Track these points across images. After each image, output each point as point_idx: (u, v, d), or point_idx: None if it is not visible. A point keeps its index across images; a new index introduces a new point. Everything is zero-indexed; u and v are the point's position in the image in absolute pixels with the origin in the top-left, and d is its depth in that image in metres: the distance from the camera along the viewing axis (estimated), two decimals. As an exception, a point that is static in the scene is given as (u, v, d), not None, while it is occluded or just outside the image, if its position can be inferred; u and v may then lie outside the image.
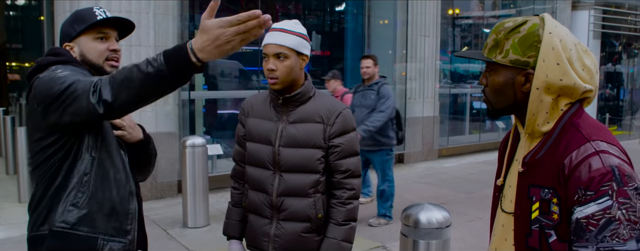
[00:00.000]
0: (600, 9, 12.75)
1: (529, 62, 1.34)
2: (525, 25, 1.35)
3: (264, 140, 2.16)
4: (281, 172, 2.13)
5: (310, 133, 2.11)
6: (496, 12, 12.82)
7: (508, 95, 1.39)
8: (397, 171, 8.38)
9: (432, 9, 9.10)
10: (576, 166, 1.26)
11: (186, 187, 5.21)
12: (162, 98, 5.49)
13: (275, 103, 2.16)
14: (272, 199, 2.14)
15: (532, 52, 1.33)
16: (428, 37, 9.10)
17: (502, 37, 1.38)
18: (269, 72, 2.06)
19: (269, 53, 2.06)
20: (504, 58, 1.37)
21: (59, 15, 6.06)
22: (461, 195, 6.73)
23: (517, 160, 1.46)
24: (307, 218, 2.13)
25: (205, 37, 1.29)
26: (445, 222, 2.64)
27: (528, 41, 1.34)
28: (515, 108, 1.41)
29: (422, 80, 9.13)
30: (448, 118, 10.68)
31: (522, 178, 1.40)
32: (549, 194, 1.32)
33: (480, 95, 11.81)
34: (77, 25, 1.77)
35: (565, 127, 1.35)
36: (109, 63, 1.80)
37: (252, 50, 9.48)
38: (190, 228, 5.15)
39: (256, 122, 2.20)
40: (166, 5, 6.14)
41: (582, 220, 1.25)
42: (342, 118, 2.14)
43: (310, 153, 2.11)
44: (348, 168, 2.16)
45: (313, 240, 2.16)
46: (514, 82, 1.37)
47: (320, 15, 10.93)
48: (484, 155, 10.19)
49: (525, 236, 1.38)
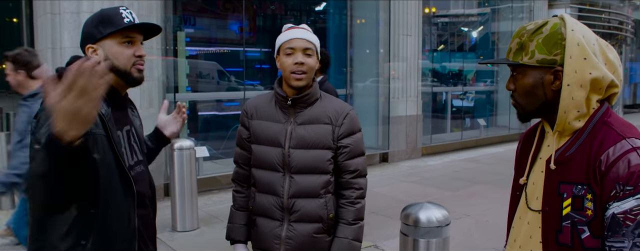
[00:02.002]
0: (575, 7, 12.98)
1: (556, 59, 1.37)
2: (547, 26, 1.39)
3: (272, 142, 2.14)
4: (292, 174, 2.12)
5: (320, 134, 2.12)
6: (473, 11, 12.97)
7: (538, 96, 1.41)
8: (381, 170, 8.44)
9: (414, 8, 9.16)
10: (614, 162, 1.28)
11: (175, 190, 5.15)
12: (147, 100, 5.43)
13: (282, 104, 2.15)
14: (283, 201, 2.13)
15: (558, 50, 1.36)
16: (410, 36, 9.16)
17: (526, 39, 1.40)
18: (297, 66, 2.06)
19: (298, 47, 2.07)
20: (531, 59, 1.39)
21: (39, 17, 5.94)
22: (447, 193, 6.79)
23: (541, 159, 1.48)
24: (319, 218, 2.14)
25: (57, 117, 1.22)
26: (445, 221, 2.66)
27: (552, 40, 1.37)
28: (546, 108, 1.43)
29: (405, 79, 9.19)
30: (430, 117, 10.77)
31: (550, 175, 1.42)
32: (582, 190, 1.33)
33: (459, 93, 11.95)
34: (103, 28, 1.68)
35: (597, 125, 1.37)
36: (137, 67, 1.73)
37: (230, 51, 9.45)
38: (179, 231, 5.09)
39: (262, 124, 2.18)
40: (149, 7, 6.06)
41: (619, 215, 1.26)
42: (350, 119, 2.17)
43: (321, 154, 2.12)
44: (356, 168, 2.18)
45: (324, 241, 2.17)
46: (543, 82, 1.40)
47: (302, 16, 10.93)
48: (466, 153, 10.29)
49: (556, 232, 1.39)
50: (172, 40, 6.73)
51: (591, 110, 1.39)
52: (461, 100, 12.08)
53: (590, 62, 1.34)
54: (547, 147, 1.47)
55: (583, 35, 1.36)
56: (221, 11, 9.23)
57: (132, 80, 1.74)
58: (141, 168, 1.85)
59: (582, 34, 1.36)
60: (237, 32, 9.59)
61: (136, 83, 1.76)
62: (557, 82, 1.38)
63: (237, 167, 2.32)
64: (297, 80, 2.07)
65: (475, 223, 5.47)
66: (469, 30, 12.97)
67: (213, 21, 9.41)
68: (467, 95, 12.24)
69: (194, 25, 9.01)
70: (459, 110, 11.92)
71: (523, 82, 1.43)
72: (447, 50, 12.53)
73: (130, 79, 1.73)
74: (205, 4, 9.09)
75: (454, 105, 11.82)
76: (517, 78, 1.45)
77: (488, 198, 6.42)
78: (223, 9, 9.25)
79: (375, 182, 7.48)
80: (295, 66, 2.06)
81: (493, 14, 12.89)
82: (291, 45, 2.07)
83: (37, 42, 6.12)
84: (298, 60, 2.06)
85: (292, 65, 2.06)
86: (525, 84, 1.42)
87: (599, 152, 1.32)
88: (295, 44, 2.07)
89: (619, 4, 15.10)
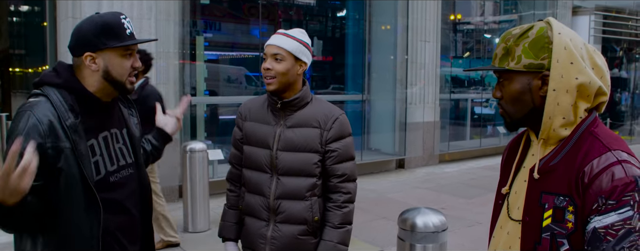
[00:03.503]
0: (600, 14, 12.78)
1: (544, 64, 1.32)
2: (533, 30, 1.35)
3: (261, 143, 2.19)
4: (279, 175, 2.16)
5: (308, 137, 2.15)
6: (497, 18, 12.85)
7: (526, 102, 1.37)
8: (397, 176, 8.42)
9: (432, 14, 9.14)
10: (597, 174, 1.24)
11: (187, 191, 5.24)
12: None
13: (273, 107, 2.20)
14: (270, 202, 2.17)
15: (545, 54, 1.32)
16: (428, 43, 9.14)
17: (512, 44, 1.37)
18: (265, 72, 2.12)
19: (268, 53, 2.13)
20: (517, 64, 1.35)
21: (62, 20, 6.11)
22: (461, 200, 6.74)
23: (524, 167, 1.45)
24: (303, 220, 2.17)
25: None
26: (442, 226, 2.66)
27: (539, 44, 1.33)
28: (534, 115, 1.38)
29: (423, 86, 9.16)
30: (449, 124, 10.70)
31: (533, 185, 1.38)
32: (564, 202, 1.29)
33: (481, 100, 11.85)
34: (106, 39, 1.69)
35: (583, 134, 1.33)
36: (130, 79, 1.78)
37: (253, 56, 9.54)
38: (190, 232, 5.17)
39: (254, 125, 2.23)
40: (167, 11, 6.19)
41: (600, 230, 1.22)
42: (339, 123, 2.19)
43: (308, 157, 2.15)
44: (344, 173, 2.20)
45: (309, 243, 2.20)
46: (531, 87, 1.35)
47: (321, 21, 10.99)
48: (484, 160, 10.19)
49: (534, 244, 1.35)
50: (190, 44, 6.83)
51: (578, 118, 1.34)
52: (483, 107, 11.97)
53: (577, 66, 1.30)
54: (532, 155, 1.43)
55: (570, 38, 1.32)
56: (244, 16, 9.33)
57: (125, 90, 1.80)
58: (128, 171, 1.87)
59: (569, 38, 1.32)
60: (258, 37, 9.69)
61: (128, 93, 1.83)
62: (544, 87, 1.33)
63: (231, 166, 2.38)
64: (267, 84, 2.13)
65: (485, 231, 5.39)
66: (492, 37, 12.87)
67: (233, 26, 9.51)
68: (490, 103, 12.13)
69: (216, 29, 9.13)
70: (480, 117, 11.82)
71: (510, 89, 1.38)
72: (471, 57, 12.44)
73: (123, 89, 1.79)
74: (230, 9, 9.20)
75: (475, 112, 11.72)
76: (504, 84, 1.40)
77: (502, 206, 6.35)
78: (247, 14, 9.34)
79: (389, 188, 7.48)
80: (264, 71, 2.13)
81: (518, 21, 12.76)
82: (266, 51, 2.15)
83: (59, 46, 6.29)
84: (265, 66, 2.12)
85: (263, 70, 2.13)
86: (512, 90, 1.37)
87: (583, 163, 1.27)
88: (267, 50, 2.14)
89: (647, 11, 14.78)
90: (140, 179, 1.96)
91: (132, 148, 1.93)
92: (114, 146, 1.84)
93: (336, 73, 10.47)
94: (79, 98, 1.72)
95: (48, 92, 1.69)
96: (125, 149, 1.89)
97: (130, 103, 2.01)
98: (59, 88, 1.70)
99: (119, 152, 1.86)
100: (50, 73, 1.74)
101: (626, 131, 15.28)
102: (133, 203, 1.90)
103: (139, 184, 1.95)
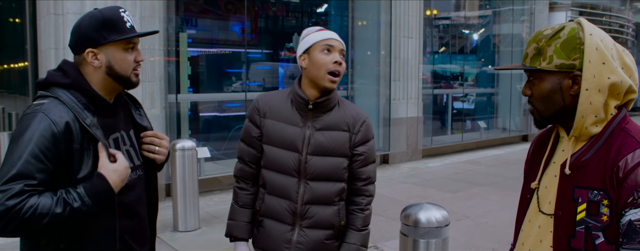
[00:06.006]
0: (576, 10, 13.03)
1: (575, 64, 1.36)
2: (564, 30, 1.38)
3: (289, 146, 2.08)
4: (307, 180, 2.07)
5: (338, 141, 2.09)
6: (475, 13, 13.00)
7: (556, 101, 1.41)
8: (382, 172, 8.46)
9: (415, 10, 9.20)
10: (632, 168, 1.28)
11: (176, 190, 5.18)
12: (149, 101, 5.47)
13: (300, 107, 2.09)
14: (297, 207, 2.09)
15: (577, 54, 1.36)
16: (411, 38, 9.19)
17: (544, 44, 1.40)
18: (336, 66, 2.01)
19: (337, 47, 2.03)
20: (549, 64, 1.39)
21: (43, 17, 5.98)
22: (447, 195, 6.81)
23: (554, 163, 1.49)
24: (331, 225, 2.12)
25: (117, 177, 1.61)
26: (445, 221, 2.68)
27: (570, 44, 1.36)
28: (564, 113, 1.42)
29: (406, 81, 9.22)
30: (430, 119, 10.80)
31: (565, 180, 1.42)
32: (598, 195, 1.33)
33: (460, 95, 11.98)
34: (107, 33, 1.65)
35: (614, 131, 1.37)
36: (135, 72, 1.73)
37: (231, 52, 9.48)
38: (181, 231, 5.12)
39: (278, 125, 2.10)
40: (152, 7, 6.10)
41: (635, 222, 1.27)
42: (366, 126, 2.15)
43: (338, 161, 2.09)
44: (369, 176, 2.18)
45: (333, 246, 2.16)
46: (561, 87, 1.39)
47: (301, 17, 10.96)
48: (466, 155, 10.32)
49: (568, 237, 1.38)
50: (175, 41, 6.75)
51: (609, 115, 1.39)
52: (462, 102, 12.11)
53: (608, 66, 1.34)
54: (562, 151, 1.47)
55: (601, 39, 1.36)
56: (223, 12, 9.26)
57: (131, 84, 1.74)
58: (136, 173, 1.82)
59: (600, 38, 1.36)
60: (239, 33, 9.62)
61: (133, 86, 1.77)
62: (575, 86, 1.37)
63: (241, 163, 2.22)
64: (332, 82, 2.02)
65: (474, 224, 5.49)
66: (470, 32, 13.01)
67: (215, 22, 9.43)
68: (468, 97, 12.27)
69: (196, 26, 9.04)
70: (460, 112, 11.95)
71: (541, 88, 1.42)
72: (448, 52, 12.56)
73: (128, 84, 1.74)
74: (207, 5, 9.12)
75: (454, 107, 11.85)
76: (534, 83, 1.44)
77: (488, 200, 6.45)
78: (225, 10, 9.28)
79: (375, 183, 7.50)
80: (334, 65, 2.00)
81: (494, 17, 12.92)
82: (330, 43, 2.02)
83: (40, 43, 6.15)
84: (338, 60, 2.01)
85: (332, 63, 2.00)
86: (543, 89, 1.42)
87: (617, 158, 1.31)
88: (335, 44, 2.03)
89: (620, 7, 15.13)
90: (149, 181, 1.92)
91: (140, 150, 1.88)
92: (125, 147, 1.80)
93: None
94: (88, 98, 1.67)
95: (57, 92, 1.62)
96: (133, 151, 1.83)
97: (138, 104, 1.96)
98: (67, 88, 1.64)
99: (132, 152, 1.83)
100: (56, 73, 1.68)
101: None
102: (142, 206, 1.86)
103: (147, 186, 1.90)
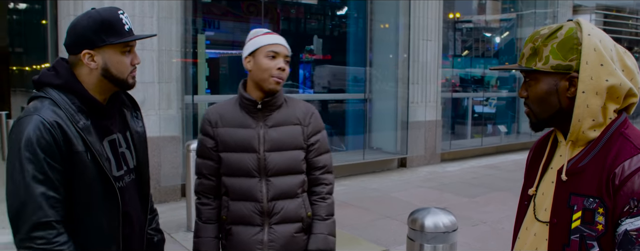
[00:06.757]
0: (601, 13, 12.78)
1: (572, 65, 1.31)
2: (562, 30, 1.33)
3: (245, 147, 2.13)
4: (268, 177, 2.14)
5: (292, 135, 2.18)
6: (497, 16, 12.84)
7: (552, 103, 1.36)
8: (399, 175, 8.40)
9: (434, 12, 9.12)
10: (629, 176, 1.23)
11: (190, 190, 5.20)
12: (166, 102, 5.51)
13: (249, 109, 2.16)
14: (263, 205, 2.14)
15: (574, 55, 1.31)
16: (430, 41, 9.12)
17: (540, 44, 1.35)
18: (279, 72, 2.11)
19: (281, 53, 2.13)
20: (545, 65, 1.34)
21: (63, 18, 6.08)
22: (464, 199, 6.72)
23: (552, 168, 1.44)
24: (299, 218, 2.20)
25: None
26: (452, 226, 2.64)
27: (568, 45, 1.31)
28: (560, 116, 1.37)
29: (425, 84, 9.14)
30: (450, 122, 10.69)
31: (561, 186, 1.36)
32: (594, 203, 1.28)
33: (481, 98, 11.83)
34: (106, 35, 1.62)
35: (612, 136, 1.31)
36: (132, 75, 1.72)
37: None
38: (194, 231, 5.13)
39: (230, 130, 2.16)
40: (170, 9, 6.15)
41: (632, 232, 1.21)
42: (315, 117, 2.26)
43: (295, 154, 2.18)
44: (325, 164, 2.26)
45: (302, 239, 2.23)
46: (557, 89, 1.34)
47: (322, 19, 10.96)
48: (486, 159, 10.19)
49: (563, 246, 1.33)
50: (192, 42, 6.79)
51: (608, 120, 1.32)
52: (483, 106, 11.96)
53: (607, 68, 1.28)
54: (559, 156, 1.41)
55: (600, 40, 1.30)
56: (244, 14, 9.29)
57: (127, 86, 1.73)
58: (130, 177, 1.81)
59: (599, 39, 1.30)
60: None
61: (129, 88, 1.75)
62: (572, 88, 1.32)
63: (201, 178, 2.25)
64: (276, 83, 2.11)
65: (491, 230, 5.40)
66: (492, 35, 12.86)
67: (236, 24, 9.48)
68: (490, 101, 12.12)
69: (217, 28, 9.10)
70: (481, 116, 11.81)
71: (536, 89, 1.37)
72: (471, 55, 12.43)
73: (125, 86, 1.72)
74: (230, 7, 9.17)
75: (475, 111, 11.71)
76: (530, 84, 1.39)
77: (505, 205, 6.34)
78: (247, 12, 9.31)
79: (392, 187, 7.46)
80: (278, 71, 2.11)
81: (517, 20, 12.75)
82: (275, 49, 2.12)
83: (60, 43, 6.26)
84: (281, 66, 2.11)
85: (275, 69, 2.10)
86: (539, 91, 1.37)
87: (614, 164, 1.25)
88: (280, 50, 2.13)
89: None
90: (141, 185, 1.88)
91: (136, 152, 1.85)
92: (119, 149, 1.77)
93: (337, 72, 10.44)
94: (81, 100, 1.64)
95: (51, 93, 1.61)
96: (128, 153, 1.82)
97: (135, 105, 1.92)
98: (59, 89, 1.62)
99: (127, 155, 1.80)
100: (49, 73, 1.66)
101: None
102: (136, 211, 1.83)
103: (140, 190, 1.87)
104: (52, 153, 1.52)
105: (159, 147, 6.17)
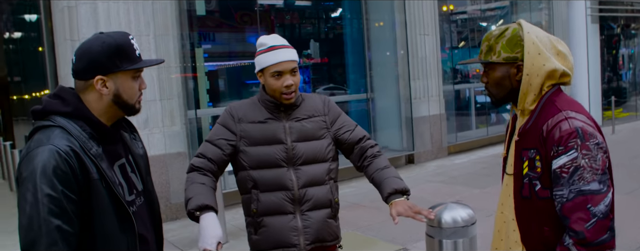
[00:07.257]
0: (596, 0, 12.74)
1: (518, 56, 1.76)
2: (508, 31, 1.78)
3: (272, 140, 2.23)
4: (297, 166, 2.24)
5: (315, 125, 2.30)
6: (491, 5, 12.81)
7: (506, 86, 1.82)
8: (408, 172, 8.38)
9: (429, 7, 9.11)
10: (551, 129, 1.68)
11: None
12: (169, 119, 5.48)
13: (273, 110, 2.28)
14: (294, 193, 2.23)
15: (518, 48, 1.76)
16: (428, 36, 9.11)
17: (493, 42, 1.81)
18: (287, 89, 2.19)
19: (286, 70, 2.19)
20: (498, 57, 1.79)
21: (60, 44, 6.08)
22: (476, 191, 6.70)
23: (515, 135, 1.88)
24: (328, 203, 2.31)
25: None
26: (471, 220, 2.61)
27: (513, 41, 1.77)
28: (513, 95, 1.83)
29: (426, 79, 9.13)
30: (454, 115, 10.66)
31: (516, 145, 1.83)
32: (534, 153, 1.74)
33: (482, 88, 11.80)
34: (120, 61, 1.60)
35: (545, 103, 1.76)
36: (139, 100, 1.71)
37: (250, 64, 9.50)
38: (209, 246, 5.11)
39: (255, 126, 2.25)
40: (165, 26, 6.16)
41: (556, 170, 1.66)
42: (331, 104, 2.40)
43: (320, 143, 2.30)
44: (363, 135, 2.39)
45: (334, 225, 2.36)
46: (509, 74, 1.80)
47: (317, 23, 10.96)
48: (492, 149, 10.16)
49: (520, 188, 1.81)
50: (190, 57, 6.79)
51: (543, 92, 1.77)
52: (485, 95, 11.93)
53: (543, 56, 1.72)
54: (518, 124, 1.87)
55: (536, 35, 1.75)
56: (238, 24, 9.29)
57: (134, 111, 1.71)
58: (140, 200, 1.79)
59: (536, 35, 1.75)
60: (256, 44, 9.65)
61: (135, 113, 1.73)
62: (519, 73, 1.77)
63: (202, 158, 2.23)
64: (287, 99, 2.22)
65: (506, 219, 5.37)
66: (488, 24, 12.83)
67: (231, 35, 9.48)
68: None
69: (213, 40, 9.09)
70: (483, 106, 11.77)
71: (494, 76, 1.83)
72: (468, 46, 12.40)
73: (132, 111, 1.70)
74: (223, 19, 9.17)
75: (477, 101, 11.68)
76: (489, 73, 1.85)
77: (518, 194, 6.31)
78: (240, 22, 9.31)
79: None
80: (286, 89, 2.19)
81: (511, 7, 12.72)
82: (278, 69, 2.18)
83: (59, 69, 6.26)
84: (288, 84, 2.19)
85: (283, 87, 2.19)
86: (496, 77, 1.82)
87: (543, 122, 1.71)
88: (283, 67, 2.18)
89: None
90: (152, 206, 1.86)
91: (140, 174, 1.83)
92: (128, 173, 1.75)
93: (336, 74, 10.43)
94: (92, 127, 1.62)
95: (60, 122, 1.57)
96: (134, 176, 1.79)
97: (132, 127, 1.89)
98: (68, 116, 1.59)
99: (134, 178, 1.79)
100: (53, 101, 1.61)
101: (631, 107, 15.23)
102: (149, 232, 1.81)
103: (151, 211, 1.85)
104: (69, 184, 1.48)
105: (165, 164, 6.15)
